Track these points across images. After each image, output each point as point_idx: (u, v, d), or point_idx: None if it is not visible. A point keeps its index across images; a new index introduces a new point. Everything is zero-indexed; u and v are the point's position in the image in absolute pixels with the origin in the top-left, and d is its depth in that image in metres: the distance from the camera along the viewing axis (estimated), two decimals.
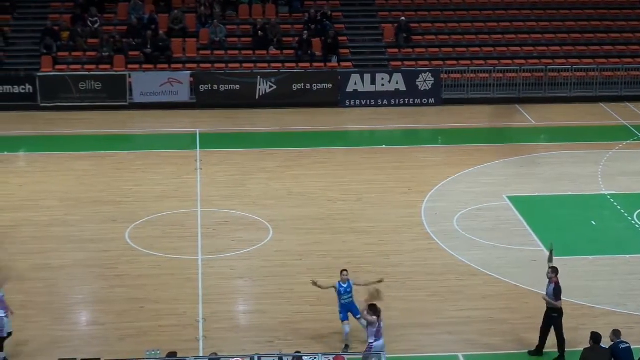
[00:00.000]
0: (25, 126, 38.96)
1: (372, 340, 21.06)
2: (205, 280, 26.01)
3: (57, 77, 41.31)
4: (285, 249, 27.89)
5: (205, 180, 33.15)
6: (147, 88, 41.38)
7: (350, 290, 22.68)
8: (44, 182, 32.85)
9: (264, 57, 43.60)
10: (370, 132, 39.75)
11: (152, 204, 31.02)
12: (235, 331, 23.59)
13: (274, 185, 32.76)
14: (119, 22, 45.13)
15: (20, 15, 45.45)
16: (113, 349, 22.33)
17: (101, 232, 28.67)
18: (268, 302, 24.77)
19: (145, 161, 35.10)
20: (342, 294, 22.64)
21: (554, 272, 22.10)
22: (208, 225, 29.46)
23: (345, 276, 22.78)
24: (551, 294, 21.97)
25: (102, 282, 25.90)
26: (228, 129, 39.08)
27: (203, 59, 43.46)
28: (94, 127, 38.93)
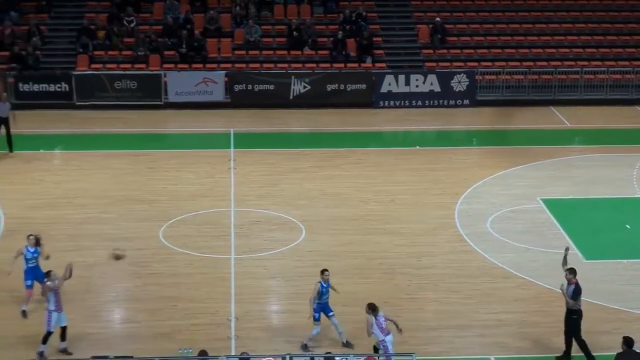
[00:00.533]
0: (61, 124, 39.21)
1: (382, 338, 21.23)
2: (238, 279, 26.08)
3: (92, 76, 41.58)
4: (318, 249, 27.92)
5: (239, 179, 33.24)
6: (182, 87, 41.55)
7: (328, 290, 22.79)
8: (80, 180, 33.05)
9: (298, 58, 43.66)
10: (404, 133, 39.70)
11: (186, 202, 31.14)
12: (267, 331, 23.63)
13: (308, 186, 32.80)
14: (154, 21, 45.34)
15: (57, 14, 45.77)
16: (146, 347, 22.45)
17: (135, 231, 28.81)
18: (300, 302, 24.70)
19: (179, 160, 35.24)
20: (324, 293, 22.71)
21: (572, 272, 22.01)
22: (241, 225, 29.54)
23: (326, 276, 22.78)
24: (571, 295, 21.89)
25: (136, 280, 26.03)
26: (262, 129, 39.16)
27: (238, 59, 43.58)
28: (129, 125, 39.15)
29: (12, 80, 41.17)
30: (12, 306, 24.35)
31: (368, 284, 25.83)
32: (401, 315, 23.98)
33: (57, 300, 22.10)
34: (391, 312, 24.09)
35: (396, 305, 24.64)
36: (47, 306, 22.14)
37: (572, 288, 21.90)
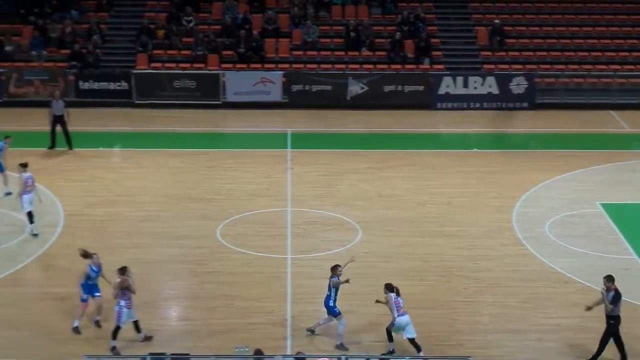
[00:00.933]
0: (120, 122, 39.57)
1: (395, 316, 22.18)
2: (294, 279, 26.15)
3: (152, 75, 41.94)
4: (374, 250, 27.90)
5: (296, 179, 33.32)
6: (240, 87, 41.75)
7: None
8: (139, 178, 33.33)
9: (356, 58, 43.68)
10: (461, 135, 39.54)
11: (243, 202, 31.28)
12: (323, 331, 23.63)
13: (364, 187, 32.80)
14: (213, 21, 45.60)
15: (117, 13, 46.20)
16: (202, 345, 22.60)
17: (193, 229, 28.98)
18: (356, 303, 24.73)
19: (237, 160, 35.40)
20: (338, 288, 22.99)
21: (610, 280, 22.03)
22: (298, 225, 29.61)
23: (339, 271, 23.09)
24: (611, 300, 21.87)
25: (193, 278, 26.20)
26: (319, 130, 39.22)
27: (295, 59, 43.69)
28: (187, 124, 39.42)
29: (73, 78, 41.64)
30: (68, 302, 24.60)
31: (424, 286, 25.78)
32: (457, 319, 24.03)
33: (129, 296, 22.33)
34: (447, 315, 24.22)
35: (452, 308, 24.58)
36: (118, 302, 22.34)
37: (611, 294, 21.89)
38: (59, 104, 35.84)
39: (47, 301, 24.76)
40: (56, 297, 24.93)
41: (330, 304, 23.02)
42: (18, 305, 24.47)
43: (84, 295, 23.32)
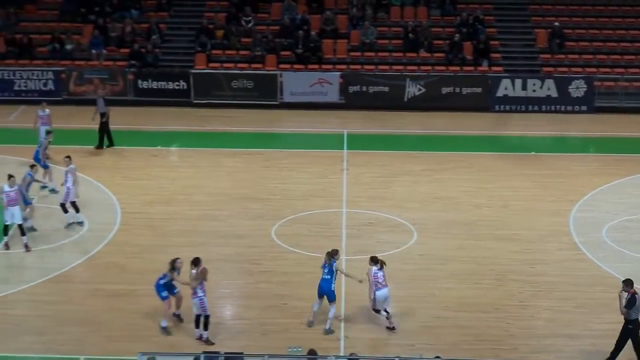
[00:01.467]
0: (178, 122, 39.81)
1: (374, 289, 23.08)
2: (348, 280, 26.08)
3: (210, 75, 42.16)
4: (429, 252, 27.81)
5: (351, 180, 33.31)
6: (297, 88, 41.83)
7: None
8: (195, 177, 33.52)
9: (413, 60, 43.56)
10: (519, 138, 39.26)
11: (298, 202, 31.33)
12: (376, 332, 23.61)
13: (420, 189, 32.70)
14: (272, 22, 45.74)
15: (176, 13, 46.51)
16: (256, 344, 22.66)
17: (248, 228, 29.08)
18: (409, 306, 24.72)
19: (292, 160, 35.48)
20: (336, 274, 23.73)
21: (627, 284, 21.85)
22: (352, 226, 29.60)
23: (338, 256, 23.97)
24: (625, 304, 21.74)
25: (248, 278, 26.29)
26: (375, 131, 39.17)
27: (353, 60, 43.69)
28: (244, 124, 39.57)
29: (132, 78, 41.99)
30: (123, 299, 24.83)
31: (478, 289, 25.64)
32: (512, 323, 23.87)
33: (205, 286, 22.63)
34: (502, 318, 24.04)
35: (507, 312, 24.42)
36: (197, 293, 22.52)
37: (626, 298, 21.74)
38: (101, 102, 36.09)
39: (101, 298, 24.99)
40: (111, 294, 25.17)
41: (332, 288, 23.38)
42: (73, 302, 24.74)
43: (163, 294, 23.28)
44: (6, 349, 22.63)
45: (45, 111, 35.18)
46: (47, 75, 42.00)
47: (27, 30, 44.89)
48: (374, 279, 23.21)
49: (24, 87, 42.01)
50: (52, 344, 22.76)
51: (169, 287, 23.33)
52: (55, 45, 43.34)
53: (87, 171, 33.49)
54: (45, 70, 42.08)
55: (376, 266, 23.37)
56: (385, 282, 23.28)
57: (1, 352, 22.49)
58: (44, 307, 24.48)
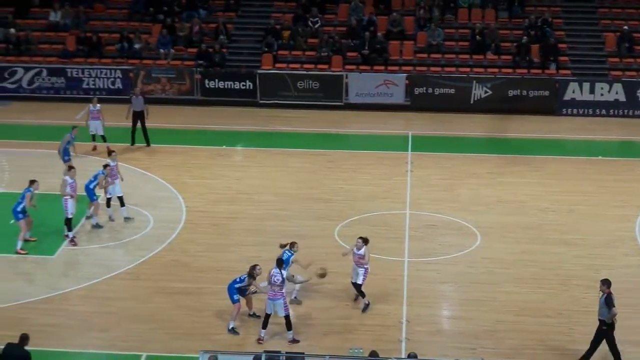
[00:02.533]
0: (244, 121, 40.03)
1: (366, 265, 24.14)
2: (411, 282, 26.10)
3: (276, 75, 42.32)
4: (493, 256, 27.66)
5: (415, 182, 33.24)
6: (362, 89, 41.85)
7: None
8: (260, 176, 33.68)
9: (480, 62, 43.34)
10: (586, 142, 38.86)
11: (361, 203, 31.35)
12: (437, 335, 23.58)
13: (484, 192, 32.54)
14: (338, 22, 45.79)
15: (244, 13, 46.75)
16: (317, 344, 22.72)
17: (311, 229, 29.14)
18: (472, 309, 24.63)
19: (356, 161, 35.49)
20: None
21: (604, 284, 21.84)
22: (416, 228, 29.54)
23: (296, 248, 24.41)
24: (602, 304, 21.64)
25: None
26: (440, 133, 39.04)
27: (419, 62, 43.58)
28: (309, 125, 39.68)
29: (199, 77, 42.30)
30: (186, 297, 25.03)
31: (541, 294, 25.45)
32: (575, 328, 23.67)
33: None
34: (564, 324, 23.86)
35: (570, 317, 24.23)
36: (282, 293, 22.82)
37: (603, 298, 21.64)
38: (139, 100, 36.34)
39: (165, 296, 25.21)
40: (174, 292, 25.39)
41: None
42: (137, 299, 24.99)
43: (235, 297, 23.38)
44: (71, 344, 22.95)
45: (97, 106, 35.62)
46: (116, 74, 42.49)
47: (97, 29, 45.43)
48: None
49: (93, 85, 42.52)
50: (115, 340, 23.03)
51: (242, 290, 23.45)
52: (124, 44, 43.82)
53: (154, 170, 33.88)
54: (114, 69, 42.57)
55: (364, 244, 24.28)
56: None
57: (66, 348, 22.81)
58: (109, 304, 24.76)
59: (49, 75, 42.58)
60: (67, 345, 22.91)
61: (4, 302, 24.80)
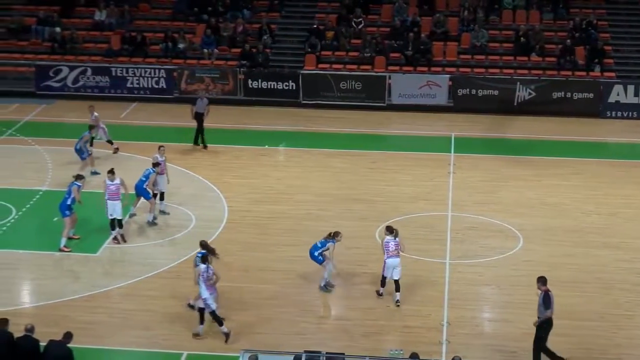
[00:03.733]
0: (286, 121, 40.10)
1: (385, 258, 24.68)
2: (452, 284, 26.02)
3: (319, 76, 42.36)
4: (535, 259, 27.51)
5: (457, 184, 33.13)
6: (405, 90, 41.78)
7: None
8: (301, 177, 33.72)
9: (524, 64, 43.13)
10: (630, 145, 38.50)
11: (403, 204, 31.30)
12: (478, 338, 23.50)
13: (527, 194, 32.37)
14: (382, 23, 45.76)
15: (288, 14, 46.86)
16: (357, 345, 22.74)
17: (352, 230, 29.07)
18: (514, 312, 24.52)
19: (398, 162, 35.44)
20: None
21: (539, 281, 21.80)
22: (457, 230, 29.45)
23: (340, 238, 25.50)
24: (541, 302, 21.57)
25: (351, 278, 26.31)
26: (483, 134, 38.88)
27: (463, 63, 43.45)
28: (351, 125, 39.65)
29: (242, 77, 42.43)
30: (227, 296, 25.12)
31: (583, 297, 25.30)
32: (617, 332, 23.52)
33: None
34: (606, 327, 23.69)
35: (612, 321, 24.07)
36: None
37: (541, 297, 21.61)
38: (202, 102, 36.44)
39: None
40: None
41: (315, 254, 25.21)
42: (178, 297, 25.08)
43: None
44: (113, 342, 23.12)
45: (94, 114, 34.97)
46: (160, 74, 42.72)
47: (141, 28, 45.74)
48: (385, 247, 24.72)
49: (137, 84, 42.78)
50: (156, 338, 23.17)
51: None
52: (168, 44, 44.07)
53: (197, 169, 34.04)
54: (158, 69, 42.81)
55: (390, 235, 24.83)
56: (396, 252, 24.68)
57: (108, 346, 22.98)
58: (151, 302, 24.93)
59: (93, 74, 42.90)
60: (108, 342, 23.08)
61: (47, 299, 25.05)
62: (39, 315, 23.60)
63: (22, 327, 20.14)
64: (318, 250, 25.24)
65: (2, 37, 45.77)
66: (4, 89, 43.04)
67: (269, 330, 23.52)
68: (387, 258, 24.65)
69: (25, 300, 25.39)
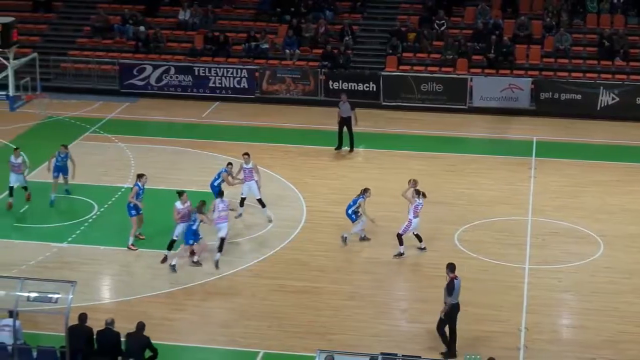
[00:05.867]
0: (366, 123, 39.87)
1: (412, 217, 27.25)
2: (531, 289, 25.81)
3: (400, 77, 42.27)
4: (615, 266, 27.17)
5: (538, 189, 32.82)
6: (487, 92, 41.49)
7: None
8: (379, 178, 33.62)
9: (608, 68, 42.57)
10: None
11: (482, 208, 31.11)
12: (556, 344, 23.28)
13: (609, 200, 31.96)
14: (465, 25, 45.51)
15: (370, 15, 46.83)
16: (433, 348, 22.64)
17: (431, 232, 29.01)
18: (593, 319, 24.25)
19: (478, 165, 35.22)
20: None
21: (448, 267, 22.51)
22: (537, 235, 29.18)
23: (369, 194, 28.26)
24: (445, 288, 22.15)
25: (427, 281, 26.23)
26: (565, 139, 38.42)
27: (546, 67, 43.01)
28: (430, 128, 39.48)
29: (323, 78, 42.51)
30: (304, 296, 25.24)
31: None
32: None
33: None
34: None
35: None
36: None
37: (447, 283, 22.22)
38: (345, 106, 36.32)
39: (284, 294, 25.48)
40: (293, 290, 25.64)
41: (349, 212, 27.90)
42: (257, 296, 25.30)
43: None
44: (192, 339, 23.35)
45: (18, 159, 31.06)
46: (242, 74, 42.97)
47: (224, 28, 46.10)
48: (415, 209, 27.25)
49: (219, 84, 43.10)
50: (234, 336, 23.36)
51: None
52: (251, 44, 44.34)
53: (277, 169, 34.18)
54: (240, 68, 43.08)
55: (422, 198, 27.43)
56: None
57: (187, 343, 23.22)
58: (230, 300, 25.15)
59: (176, 73, 43.33)
60: (186, 340, 23.33)
61: (127, 295, 25.42)
62: (118, 311, 23.86)
63: (101, 323, 20.46)
64: (351, 208, 27.92)
65: (87, 35, 46.49)
66: (88, 87, 43.73)
67: (345, 331, 23.55)
68: (415, 218, 27.19)
69: (105, 296, 25.78)
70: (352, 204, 27.94)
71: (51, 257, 27.60)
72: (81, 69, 44.31)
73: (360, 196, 27.92)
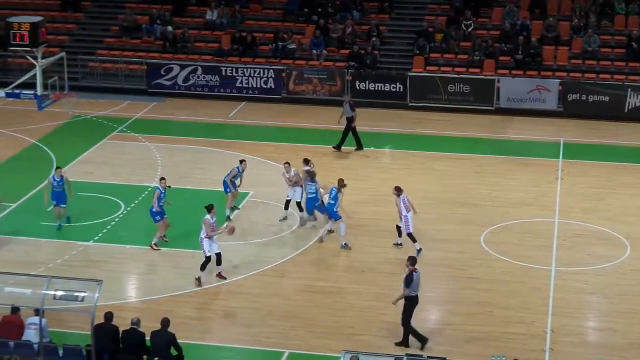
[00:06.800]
0: (392, 124, 39.99)
1: (405, 213, 27.32)
2: (557, 291, 25.71)
3: (427, 78, 42.19)
4: None
5: (565, 190, 32.68)
6: (514, 94, 41.34)
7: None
8: (405, 179, 33.38)
9: (636, 70, 42.32)
10: None
11: (509, 209, 31.00)
12: (583, 347, 23.18)
13: (636, 202, 31.78)
14: (492, 26, 45.37)
15: (397, 16, 46.78)
16: (459, 350, 22.63)
17: (457, 233, 28.98)
18: (620, 321, 24.13)
19: (505, 166, 35.10)
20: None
21: (408, 260, 22.95)
22: (564, 237, 29.06)
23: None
24: (403, 281, 22.46)
25: (453, 283, 26.21)
26: (593, 141, 38.22)
27: (573, 68, 42.81)
28: (457, 129, 39.37)
29: (350, 78, 42.49)
30: (329, 296, 25.22)
31: None
32: None
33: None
34: None
35: None
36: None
37: (405, 275, 22.56)
38: (346, 106, 36.34)
39: (308, 294, 25.50)
40: (318, 290, 25.66)
41: (334, 209, 28.03)
42: (281, 295, 25.32)
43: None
44: (215, 338, 23.43)
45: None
46: (269, 74, 43.00)
47: (251, 28, 46.15)
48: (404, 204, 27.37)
49: (246, 84, 43.15)
50: (258, 336, 23.38)
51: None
52: (278, 44, 44.38)
53: (302, 170, 34.08)
54: (267, 69, 43.12)
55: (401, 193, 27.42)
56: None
57: (211, 342, 23.30)
58: (254, 300, 25.16)
59: (203, 73, 43.41)
60: (211, 339, 23.41)
61: (153, 294, 25.50)
62: (144, 310, 23.97)
63: (127, 322, 20.53)
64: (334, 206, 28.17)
65: (115, 35, 46.68)
66: (116, 86, 43.89)
67: (371, 332, 23.53)
68: (408, 213, 27.33)
69: (131, 295, 25.87)
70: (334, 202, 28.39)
71: (77, 255, 27.73)
72: (109, 68, 44.49)
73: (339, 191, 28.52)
